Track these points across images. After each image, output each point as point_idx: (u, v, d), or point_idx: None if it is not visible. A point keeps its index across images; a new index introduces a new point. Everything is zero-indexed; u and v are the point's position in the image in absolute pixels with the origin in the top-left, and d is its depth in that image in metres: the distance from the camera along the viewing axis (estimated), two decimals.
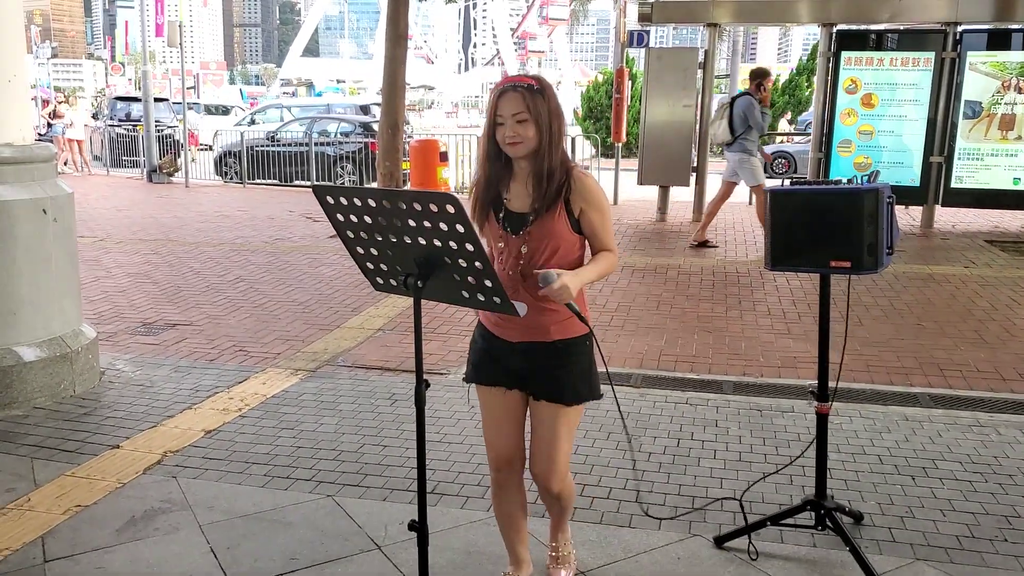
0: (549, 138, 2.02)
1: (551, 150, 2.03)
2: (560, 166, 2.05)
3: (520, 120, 2.00)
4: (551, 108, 2.03)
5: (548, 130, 2.02)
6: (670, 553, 2.59)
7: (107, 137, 16.95)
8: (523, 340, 2.12)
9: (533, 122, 2.00)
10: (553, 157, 2.04)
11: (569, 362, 2.13)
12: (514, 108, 2.00)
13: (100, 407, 3.81)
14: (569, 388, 2.14)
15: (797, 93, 22.27)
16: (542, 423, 2.18)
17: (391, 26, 9.63)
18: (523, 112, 1.99)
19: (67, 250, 4.00)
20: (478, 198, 2.14)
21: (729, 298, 6.01)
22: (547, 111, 2.01)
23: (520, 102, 2.00)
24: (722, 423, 3.67)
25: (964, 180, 9.09)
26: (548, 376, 2.13)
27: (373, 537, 2.66)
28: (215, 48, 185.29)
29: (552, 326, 2.10)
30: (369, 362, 4.51)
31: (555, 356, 2.12)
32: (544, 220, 2.05)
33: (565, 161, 2.08)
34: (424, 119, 38.25)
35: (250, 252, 7.79)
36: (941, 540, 2.67)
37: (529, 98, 2.00)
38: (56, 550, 2.58)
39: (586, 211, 2.08)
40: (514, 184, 2.11)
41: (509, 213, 2.11)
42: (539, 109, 2.00)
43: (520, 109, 2.00)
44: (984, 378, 4.31)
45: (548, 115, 2.02)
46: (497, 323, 2.15)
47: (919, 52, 8.95)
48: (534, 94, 2.01)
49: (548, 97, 2.03)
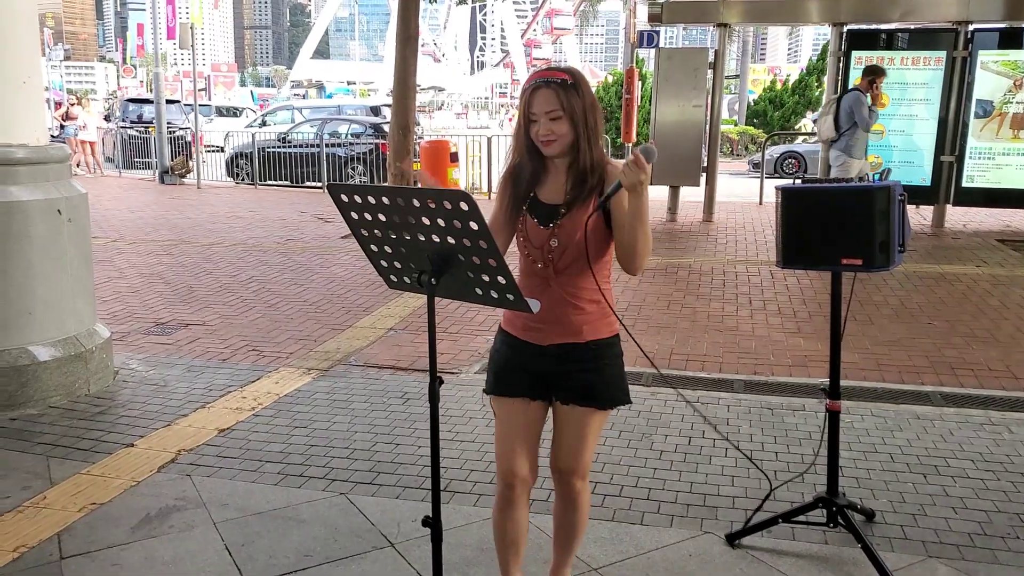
0: (586, 133, 1.96)
1: (589, 145, 1.97)
2: (599, 162, 1.99)
3: (554, 117, 1.94)
4: (586, 103, 1.95)
5: (584, 125, 1.95)
6: (682, 550, 2.60)
7: (119, 139, 17.08)
8: (554, 343, 2.04)
9: (567, 119, 1.94)
10: (592, 152, 1.98)
11: (602, 365, 2.05)
12: (547, 105, 1.94)
13: (114, 406, 3.84)
14: (604, 392, 2.05)
15: (807, 93, 22.20)
16: (570, 426, 2.08)
17: (401, 27, 9.66)
18: (557, 109, 1.93)
19: (81, 250, 4.04)
20: (508, 192, 2.07)
21: (740, 297, 6.00)
22: (582, 106, 1.94)
23: (554, 99, 1.93)
24: (733, 421, 3.67)
25: (975, 179, 9.04)
26: (580, 380, 2.04)
27: (386, 534, 2.68)
28: (226, 50, 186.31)
29: (584, 326, 2.03)
30: (381, 361, 4.53)
31: (588, 359, 2.04)
32: (576, 213, 1.98)
33: (602, 158, 2.01)
34: (434, 120, 38.29)
35: (262, 252, 7.83)
36: (953, 538, 2.67)
37: (563, 94, 1.93)
38: (72, 547, 2.61)
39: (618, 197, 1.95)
40: (548, 178, 2.04)
41: (538, 203, 2.03)
42: (573, 105, 1.93)
43: (554, 106, 1.93)
44: (996, 377, 4.29)
45: (583, 110, 1.94)
46: (526, 327, 2.05)
47: (930, 51, 8.91)
48: (567, 89, 1.94)
49: (582, 91, 1.96)
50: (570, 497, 2.16)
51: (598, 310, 2.04)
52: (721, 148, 9.96)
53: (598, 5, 32.66)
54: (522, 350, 2.07)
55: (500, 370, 2.11)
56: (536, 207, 2.04)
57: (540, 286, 2.03)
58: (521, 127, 2.01)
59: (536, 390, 2.08)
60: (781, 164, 16.99)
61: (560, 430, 2.11)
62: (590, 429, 2.08)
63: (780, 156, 17.20)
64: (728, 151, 21.14)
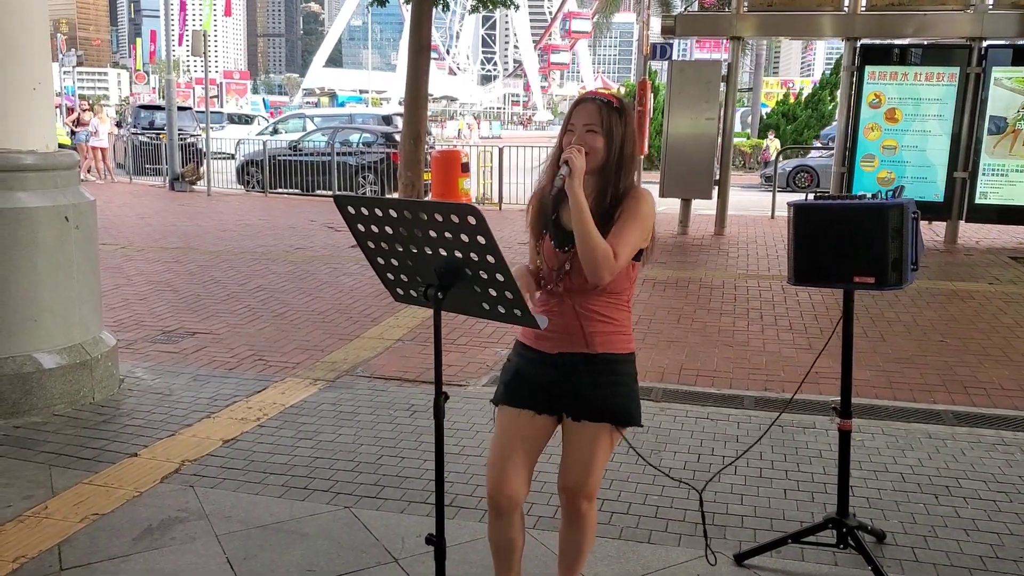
0: (620, 158, 1.96)
1: (618, 171, 1.96)
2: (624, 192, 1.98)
3: (589, 130, 1.94)
4: (627, 132, 1.96)
5: (619, 149, 1.95)
6: (689, 570, 2.56)
7: (130, 145, 17.21)
8: (562, 351, 2.01)
9: (603, 135, 1.94)
10: (620, 179, 1.97)
11: (615, 381, 2.01)
12: (587, 118, 1.95)
13: (119, 415, 3.83)
14: (619, 408, 2.01)
15: (820, 107, 22.15)
16: (580, 443, 2.03)
17: (414, 37, 9.71)
18: (595, 124, 1.94)
19: (88, 257, 4.04)
20: (537, 206, 2.07)
21: (751, 312, 5.96)
22: (621, 132, 1.95)
23: (595, 114, 1.94)
24: (743, 439, 3.62)
25: (988, 196, 8.97)
26: (590, 393, 2.00)
27: (390, 550, 2.65)
28: (238, 57, 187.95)
29: (596, 337, 2.00)
30: (388, 373, 4.51)
31: (598, 372, 2.00)
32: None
33: (630, 186, 2.00)
34: (446, 130, 38.43)
35: (271, 261, 7.85)
36: (965, 560, 2.62)
37: (604, 112, 1.94)
38: (72, 558, 2.58)
39: (621, 214, 1.96)
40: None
41: (559, 225, 2.03)
42: (612, 125, 1.94)
43: (593, 121, 1.94)
44: (1008, 396, 4.23)
45: (622, 136, 1.95)
46: (539, 336, 2.04)
47: (943, 67, 8.87)
48: (611, 110, 1.95)
49: (626, 118, 1.97)
50: (576, 518, 2.12)
51: (613, 327, 2.03)
52: (733, 161, 9.88)
53: (611, 17, 32.77)
54: (532, 359, 2.06)
55: (509, 380, 2.09)
56: (556, 228, 2.04)
57: (556, 300, 2.04)
58: (559, 141, 2.01)
59: (543, 404, 2.04)
60: (793, 178, 16.93)
61: (569, 448, 2.07)
62: (599, 447, 2.03)
63: (792, 170, 17.14)
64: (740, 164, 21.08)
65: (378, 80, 72.84)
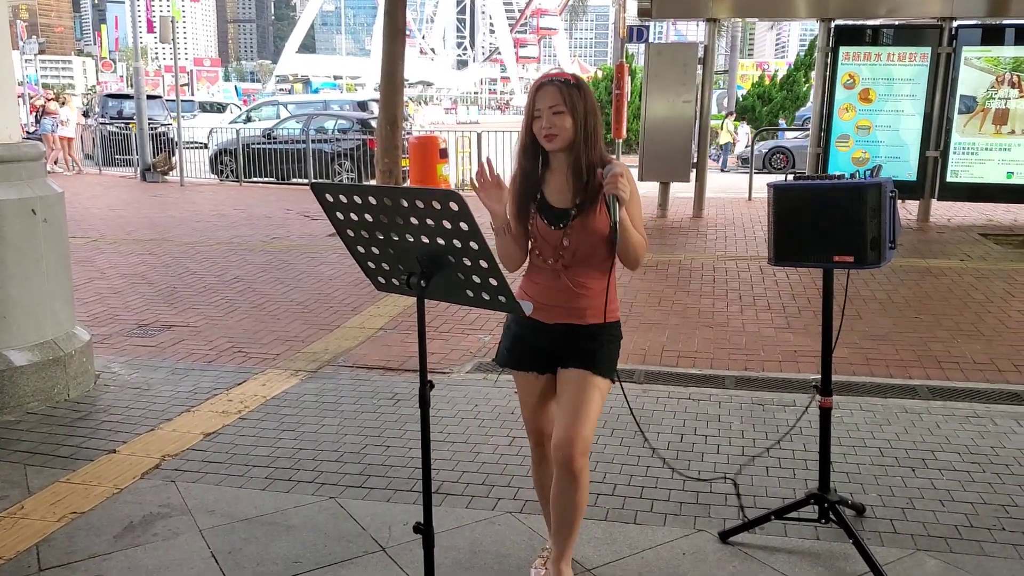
0: (584, 132, 2.07)
1: (587, 144, 2.08)
2: (599, 162, 2.10)
3: (556, 112, 2.05)
4: (588, 104, 2.07)
5: (584, 124, 2.07)
6: (675, 549, 2.58)
7: (99, 135, 16.86)
8: (559, 322, 2.19)
9: (569, 114, 2.05)
10: (591, 152, 2.09)
11: (601, 342, 2.20)
12: (551, 101, 2.05)
13: (95, 411, 3.77)
14: (602, 361, 2.18)
15: (795, 88, 22.28)
16: (571, 390, 2.17)
17: (389, 21, 9.59)
18: (559, 104, 2.04)
19: (58, 251, 3.96)
20: (517, 192, 2.17)
21: (730, 293, 6.00)
22: (583, 107, 2.06)
23: (557, 95, 2.05)
24: (725, 418, 3.66)
25: (959, 174, 9.09)
26: (581, 350, 2.19)
27: (377, 538, 2.64)
28: (208, 44, 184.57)
29: (588, 310, 2.18)
30: (370, 362, 4.49)
31: (588, 337, 2.19)
32: (587, 216, 2.11)
33: (604, 158, 2.12)
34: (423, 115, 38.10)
35: (247, 251, 7.75)
36: (941, 530, 2.68)
37: (566, 91, 2.05)
38: (51, 558, 2.54)
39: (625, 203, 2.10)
40: (551, 177, 2.16)
41: (547, 206, 2.15)
42: (575, 102, 2.05)
43: (557, 101, 2.05)
44: (980, 370, 4.32)
45: (584, 110, 2.06)
46: (535, 306, 2.17)
47: (915, 47, 8.94)
48: (571, 88, 2.06)
49: (585, 93, 2.08)
50: (570, 476, 2.15)
51: (601, 298, 2.18)
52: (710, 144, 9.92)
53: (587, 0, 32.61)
54: (529, 327, 2.22)
55: (511, 346, 2.29)
56: (545, 209, 2.16)
57: (550, 276, 2.18)
58: (525, 128, 2.13)
59: (543, 364, 2.25)
60: (770, 159, 17.05)
61: (561, 397, 2.21)
62: (590, 395, 2.16)
63: (769, 151, 17.25)
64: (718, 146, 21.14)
65: (352, 66, 71.96)
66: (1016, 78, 8.75)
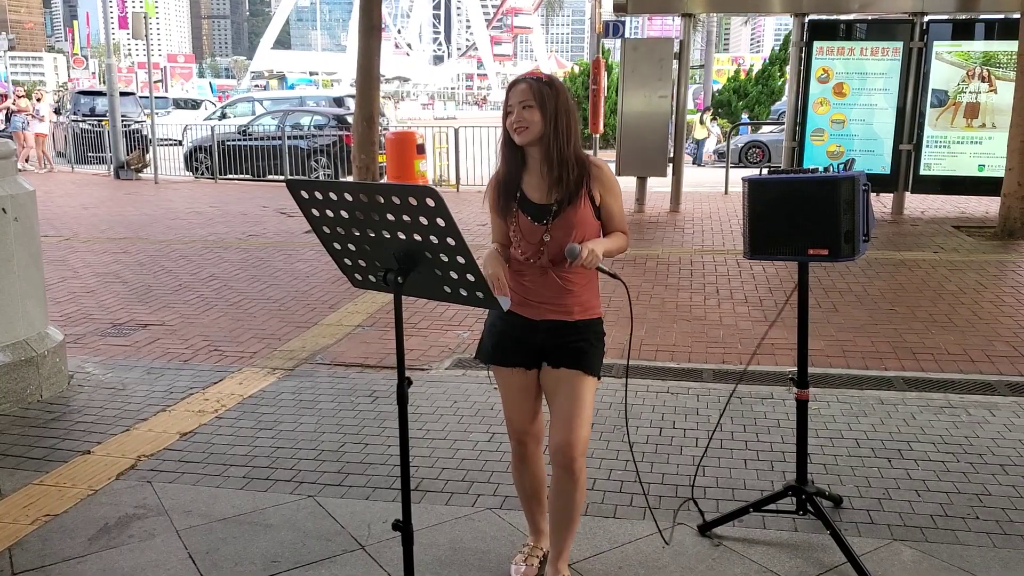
0: (555, 126, 2.12)
1: (557, 137, 2.12)
2: (576, 158, 2.16)
3: (526, 106, 2.11)
4: (559, 101, 2.13)
5: (554, 118, 2.11)
6: (655, 542, 2.60)
7: (71, 133, 16.58)
8: (546, 319, 2.22)
9: (538, 108, 2.11)
10: (563, 147, 2.13)
11: (589, 339, 2.23)
12: (521, 96, 2.12)
13: (69, 412, 3.72)
14: (592, 359, 2.22)
15: (771, 83, 22.45)
16: (562, 391, 2.21)
17: (364, 17, 9.52)
18: (529, 99, 2.11)
19: (30, 250, 3.89)
20: (499, 189, 2.23)
21: (707, 287, 6.05)
22: (554, 102, 2.12)
23: (527, 91, 2.12)
24: (703, 411, 3.69)
25: (932, 167, 9.24)
26: (570, 348, 2.22)
27: (356, 537, 2.63)
28: (182, 40, 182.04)
29: (575, 307, 2.22)
30: (348, 359, 4.46)
31: (576, 333, 2.22)
32: (569, 211, 2.15)
33: (579, 154, 2.17)
34: (400, 111, 37.90)
35: (223, 249, 7.67)
36: (916, 520, 2.72)
37: (536, 87, 2.12)
38: (24, 562, 2.50)
39: (605, 198, 2.21)
40: (528, 175, 2.21)
41: (527, 202, 2.20)
42: (544, 97, 2.11)
43: (526, 97, 2.11)
44: (954, 360, 4.39)
45: (555, 105, 2.12)
46: (523, 302, 2.23)
47: (888, 42, 9.06)
48: (542, 84, 2.14)
49: (557, 90, 2.14)
50: (569, 476, 2.21)
51: (588, 294, 2.24)
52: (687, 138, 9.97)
53: None
54: (516, 324, 2.25)
55: (497, 343, 2.29)
56: (526, 205, 2.20)
57: (537, 272, 2.21)
58: (503, 126, 2.18)
59: (530, 359, 2.26)
60: (745, 153, 17.17)
61: (554, 400, 2.24)
62: (583, 395, 2.19)
63: (744, 145, 17.38)
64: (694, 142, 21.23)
65: (328, 61, 71.37)
66: (986, 72, 8.90)
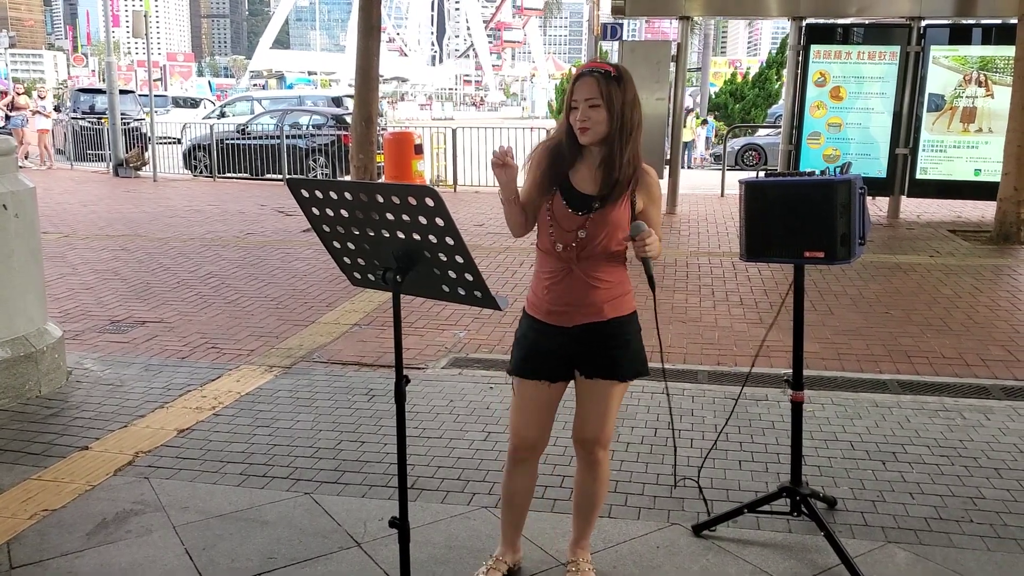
0: (620, 125, 2.03)
1: (622, 139, 2.04)
2: (631, 160, 2.07)
3: (592, 105, 2.01)
4: (627, 98, 2.03)
5: (620, 118, 2.02)
6: (649, 542, 2.61)
7: (70, 130, 16.57)
8: (578, 323, 2.14)
9: (605, 108, 2.01)
10: (624, 148, 2.04)
11: (624, 341, 2.17)
12: (587, 93, 2.01)
13: (67, 408, 3.72)
14: (627, 365, 2.18)
15: (767, 86, 22.51)
16: (594, 398, 2.20)
17: (363, 17, 9.54)
18: (596, 98, 2.00)
19: (29, 246, 3.90)
20: (545, 166, 2.12)
21: (703, 289, 6.07)
22: (621, 100, 2.02)
23: (594, 87, 2.01)
24: (698, 412, 3.71)
25: (928, 171, 9.27)
26: (605, 356, 2.16)
27: (353, 534, 2.64)
28: (182, 39, 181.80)
29: (605, 304, 2.14)
30: (345, 358, 4.47)
31: (611, 336, 2.16)
32: (609, 208, 2.07)
33: (636, 156, 2.09)
34: (398, 111, 37.93)
35: (221, 247, 7.67)
36: (911, 522, 2.73)
37: (603, 84, 2.00)
38: (22, 556, 2.51)
39: (648, 207, 2.13)
40: (581, 165, 2.12)
41: (571, 188, 2.11)
42: (612, 96, 2.00)
43: (593, 94, 2.00)
44: (949, 364, 4.41)
45: (622, 104, 2.02)
46: (550, 311, 2.16)
47: (885, 46, 9.09)
48: (609, 81, 2.01)
49: (625, 87, 2.03)
50: (593, 466, 2.28)
51: (618, 288, 2.16)
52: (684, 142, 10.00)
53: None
54: (548, 333, 2.17)
55: (527, 355, 2.20)
56: (569, 192, 2.11)
57: (562, 269, 2.13)
58: (565, 113, 2.09)
59: (559, 371, 2.19)
60: (742, 156, 17.22)
61: (584, 403, 2.23)
62: (613, 400, 2.20)
63: (741, 148, 17.43)
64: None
65: (327, 61, 71.32)
66: (983, 77, 8.94)
